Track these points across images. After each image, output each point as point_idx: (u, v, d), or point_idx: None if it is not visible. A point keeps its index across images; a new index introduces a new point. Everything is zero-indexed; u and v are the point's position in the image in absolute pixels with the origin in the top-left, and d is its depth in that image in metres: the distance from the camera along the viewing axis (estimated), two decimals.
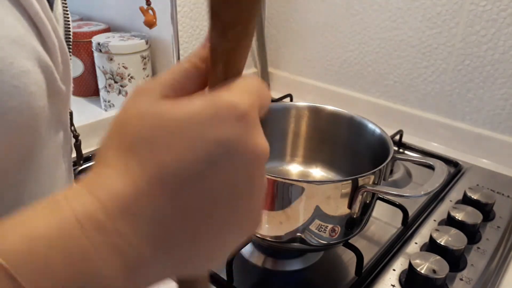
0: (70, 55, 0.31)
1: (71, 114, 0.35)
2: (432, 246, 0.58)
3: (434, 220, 0.67)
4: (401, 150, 0.90)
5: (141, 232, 0.19)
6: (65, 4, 0.33)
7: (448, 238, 0.58)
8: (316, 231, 0.50)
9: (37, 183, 0.27)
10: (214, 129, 0.19)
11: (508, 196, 0.74)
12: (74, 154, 0.42)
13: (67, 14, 0.33)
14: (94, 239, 0.18)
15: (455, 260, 0.57)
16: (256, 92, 0.21)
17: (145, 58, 0.99)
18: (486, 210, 0.67)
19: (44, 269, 0.17)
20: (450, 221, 0.64)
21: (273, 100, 1.08)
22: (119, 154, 0.20)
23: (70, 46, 0.32)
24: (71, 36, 0.32)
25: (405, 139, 0.90)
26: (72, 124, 0.38)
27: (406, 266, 0.56)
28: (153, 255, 0.19)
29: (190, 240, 0.21)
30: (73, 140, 0.43)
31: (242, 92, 0.21)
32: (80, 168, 0.64)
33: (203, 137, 0.19)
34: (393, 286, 0.54)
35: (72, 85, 0.31)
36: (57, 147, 0.30)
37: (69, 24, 0.32)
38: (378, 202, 0.64)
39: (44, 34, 0.25)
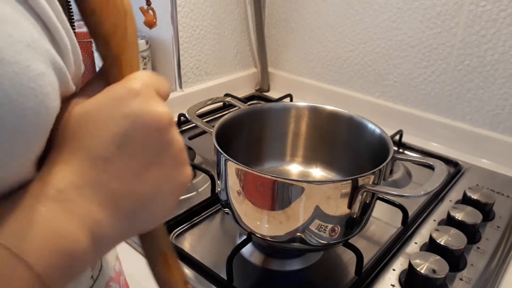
0: None
1: None
2: (432, 246, 0.59)
3: (434, 220, 0.67)
4: (401, 150, 0.90)
5: (87, 197, 0.24)
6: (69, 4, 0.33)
7: (448, 238, 0.58)
8: (316, 231, 0.50)
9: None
10: (118, 108, 0.25)
11: (508, 196, 0.74)
12: None
13: (72, 13, 0.33)
14: (52, 210, 0.23)
15: (455, 260, 0.57)
16: (146, 76, 0.27)
17: (145, 58, 0.99)
18: (486, 210, 0.67)
19: (35, 245, 0.22)
20: (450, 221, 0.64)
21: (273, 100, 1.08)
22: (57, 151, 0.25)
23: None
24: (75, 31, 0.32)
25: (405, 139, 0.90)
26: None
27: (406, 266, 0.56)
28: (103, 214, 0.24)
29: (132, 200, 0.26)
30: None
31: (132, 78, 0.26)
32: None
33: (111, 116, 0.25)
34: (393, 286, 0.54)
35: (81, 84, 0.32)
36: None
37: (73, 23, 0.33)
38: (378, 202, 0.64)
39: (57, 37, 0.26)
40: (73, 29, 0.33)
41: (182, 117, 0.94)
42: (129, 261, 0.46)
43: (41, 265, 0.21)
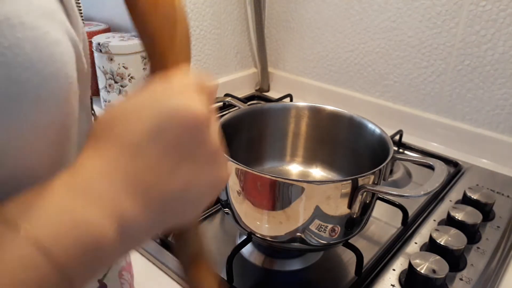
0: None
1: (91, 98, 0.37)
2: (432, 246, 0.59)
3: (434, 220, 0.67)
4: (401, 150, 0.90)
5: (119, 189, 0.23)
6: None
7: (448, 238, 0.58)
8: (316, 231, 0.50)
9: (70, 161, 0.28)
10: (156, 102, 0.25)
11: (508, 196, 0.74)
12: None
13: (80, 7, 0.34)
14: (81, 200, 0.22)
15: (455, 260, 0.57)
16: (190, 76, 0.27)
17: (145, 58, 0.99)
18: (486, 210, 0.67)
19: (59, 237, 0.21)
20: (450, 221, 0.64)
21: (273, 100, 1.08)
22: (90, 143, 0.25)
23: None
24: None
25: (405, 139, 0.90)
26: (92, 108, 0.40)
27: (406, 266, 0.56)
28: (133, 206, 0.24)
29: (162, 193, 0.25)
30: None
31: (174, 75, 0.27)
32: None
33: (149, 109, 0.25)
34: (393, 286, 0.54)
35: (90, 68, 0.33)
36: (82, 128, 0.31)
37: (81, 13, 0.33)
38: (378, 202, 0.64)
39: (69, 11, 0.27)
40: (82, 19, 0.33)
41: None
42: (136, 253, 0.46)
43: (64, 257, 0.21)
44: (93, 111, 0.42)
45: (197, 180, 0.26)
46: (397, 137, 0.89)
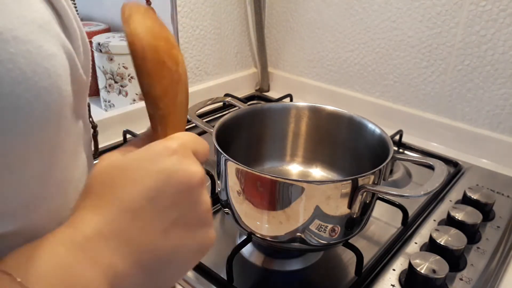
0: None
1: (88, 105, 0.38)
2: (432, 246, 0.59)
3: (434, 220, 0.67)
4: (401, 150, 0.90)
5: (113, 248, 0.24)
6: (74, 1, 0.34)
7: (448, 238, 0.58)
8: (316, 231, 0.50)
9: (62, 171, 0.29)
10: (154, 163, 0.26)
11: (508, 196, 0.74)
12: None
13: (75, 6, 0.33)
14: (77, 256, 0.23)
15: (455, 260, 0.57)
16: (186, 137, 0.28)
17: None
18: (486, 210, 0.67)
19: (45, 283, 0.22)
20: (450, 221, 0.64)
21: (273, 100, 1.08)
22: (90, 198, 0.26)
23: None
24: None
25: (405, 139, 0.90)
26: (90, 115, 0.40)
27: (406, 266, 0.56)
28: (125, 266, 0.25)
29: (155, 252, 0.26)
30: (91, 131, 0.47)
31: (172, 138, 0.28)
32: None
33: (146, 170, 0.26)
34: (393, 286, 0.54)
35: (90, 77, 0.33)
36: (77, 136, 0.31)
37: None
38: (378, 202, 0.64)
39: (66, 22, 0.27)
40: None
41: None
42: None
43: None
44: (90, 118, 0.42)
45: (188, 241, 0.27)
46: (397, 137, 0.89)
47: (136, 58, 0.27)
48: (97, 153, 0.63)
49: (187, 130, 0.31)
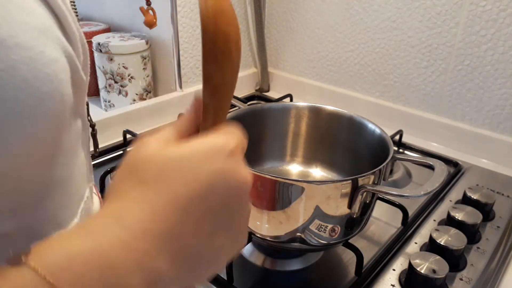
0: None
1: (87, 104, 0.37)
2: (432, 246, 0.59)
3: (434, 220, 0.67)
4: (401, 150, 0.90)
5: (160, 249, 0.23)
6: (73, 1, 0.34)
7: (448, 238, 0.58)
8: (316, 231, 0.50)
9: (61, 170, 0.29)
10: (212, 162, 0.25)
11: (508, 196, 0.74)
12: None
13: (75, 8, 0.34)
14: (121, 257, 0.21)
15: (455, 260, 0.57)
16: (237, 136, 0.27)
17: (145, 58, 0.99)
18: (486, 210, 0.67)
19: (81, 282, 0.20)
20: (450, 221, 0.64)
21: (273, 100, 1.08)
22: (134, 187, 0.24)
23: None
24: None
25: (405, 139, 0.90)
26: (88, 114, 0.40)
27: (406, 266, 0.56)
28: (169, 269, 0.23)
29: (199, 254, 0.25)
30: (90, 130, 0.46)
31: (228, 136, 0.27)
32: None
33: (205, 168, 0.24)
34: (393, 286, 0.54)
35: (89, 76, 0.33)
36: (76, 135, 0.31)
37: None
38: (378, 202, 0.64)
39: (65, 25, 0.27)
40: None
41: None
42: None
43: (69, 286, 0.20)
44: (89, 117, 0.42)
45: (228, 246, 0.27)
46: (397, 137, 0.89)
47: (206, 41, 0.26)
48: (97, 151, 0.63)
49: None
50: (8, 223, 0.25)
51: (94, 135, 0.57)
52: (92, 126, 0.55)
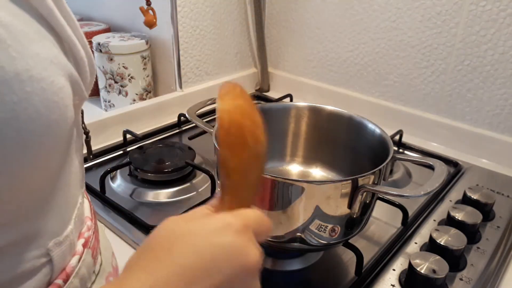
0: None
1: (82, 112, 0.38)
2: (432, 246, 0.59)
3: (434, 220, 0.67)
4: (401, 150, 0.90)
5: None
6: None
7: (448, 238, 0.58)
8: (316, 231, 0.50)
9: (59, 181, 0.29)
10: (215, 237, 0.26)
11: (508, 196, 0.74)
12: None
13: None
14: None
15: (455, 260, 0.57)
16: (252, 217, 0.28)
17: (145, 58, 0.99)
18: (486, 210, 0.67)
19: None
20: (450, 221, 0.64)
21: (273, 100, 1.08)
22: (145, 258, 0.26)
23: None
24: None
25: (405, 139, 0.90)
26: (83, 121, 0.40)
27: (406, 266, 0.56)
28: None
29: None
30: (84, 137, 0.47)
31: (236, 215, 0.28)
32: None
33: (208, 241, 0.26)
34: (393, 286, 0.54)
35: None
36: (71, 143, 0.32)
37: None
38: (378, 202, 0.64)
39: (75, 52, 0.28)
40: None
41: (182, 117, 0.94)
42: (124, 257, 0.46)
43: None
44: (83, 125, 0.43)
45: None
46: (397, 137, 0.89)
47: (221, 130, 0.29)
48: (90, 157, 0.62)
49: (187, 130, 0.31)
50: (6, 232, 0.25)
51: (88, 142, 0.57)
52: (86, 133, 0.55)
